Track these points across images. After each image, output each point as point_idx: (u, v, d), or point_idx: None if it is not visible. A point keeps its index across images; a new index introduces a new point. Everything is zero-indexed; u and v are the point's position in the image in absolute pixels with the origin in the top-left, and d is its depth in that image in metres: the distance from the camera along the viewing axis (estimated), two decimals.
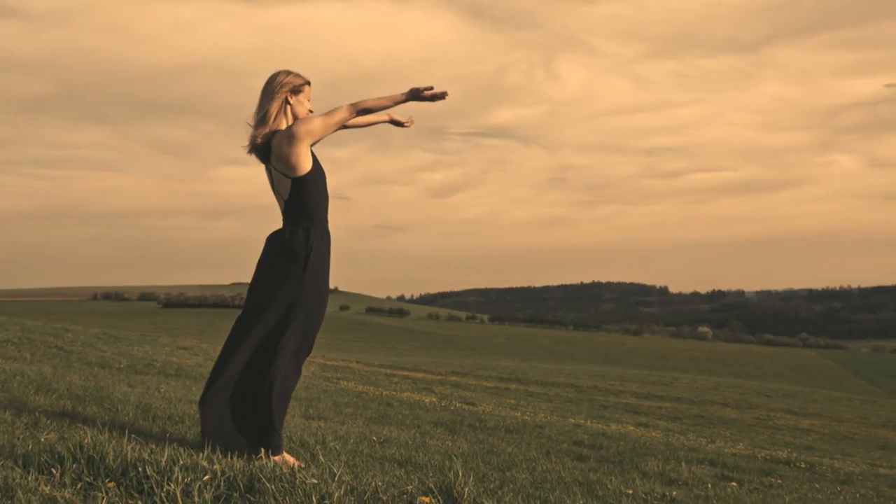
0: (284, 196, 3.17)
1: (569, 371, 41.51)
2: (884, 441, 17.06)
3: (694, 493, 4.05)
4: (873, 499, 5.33)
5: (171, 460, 2.18)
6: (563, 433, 7.25)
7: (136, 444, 2.45)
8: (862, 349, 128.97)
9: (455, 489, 2.38)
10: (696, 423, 16.51)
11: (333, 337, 74.34)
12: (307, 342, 3.16)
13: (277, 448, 3.02)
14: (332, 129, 3.16)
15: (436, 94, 3.30)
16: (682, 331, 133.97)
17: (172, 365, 9.67)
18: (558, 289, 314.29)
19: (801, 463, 7.31)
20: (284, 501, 2.07)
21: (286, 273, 3.09)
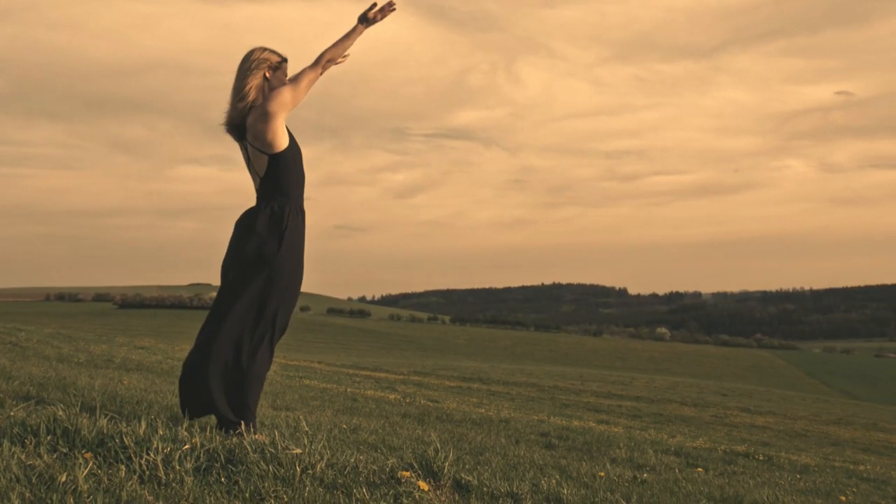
0: (261, 173, 3.14)
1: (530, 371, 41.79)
2: (836, 438, 17.53)
3: (663, 476, 4.11)
4: (832, 485, 5.47)
5: (150, 431, 2.15)
6: (528, 426, 7.30)
7: (111, 418, 2.40)
8: (814, 349, 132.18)
9: (435, 464, 2.38)
10: (656, 421, 16.77)
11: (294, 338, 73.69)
12: (281, 320, 3.14)
13: (253, 428, 2.98)
14: (304, 94, 3.13)
15: (382, 7, 3.29)
16: (640, 332, 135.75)
17: (133, 361, 9.50)
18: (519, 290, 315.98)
19: (760, 455, 7.48)
20: (267, 470, 2.05)
21: (260, 250, 3.05)
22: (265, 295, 3.06)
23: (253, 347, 3.03)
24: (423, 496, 2.21)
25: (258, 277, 3.05)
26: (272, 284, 3.06)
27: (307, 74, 3.12)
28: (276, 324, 3.12)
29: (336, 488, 2.13)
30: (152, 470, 1.95)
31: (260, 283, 3.06)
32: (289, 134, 3.17)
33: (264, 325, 3.06)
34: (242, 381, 2.98)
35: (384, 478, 2.28)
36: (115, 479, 1.84)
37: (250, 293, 3.05)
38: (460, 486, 2.43)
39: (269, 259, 3.05)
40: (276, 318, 3.11)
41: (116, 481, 1.82)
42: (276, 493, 1.99)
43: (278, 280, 3.07)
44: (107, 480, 1.82)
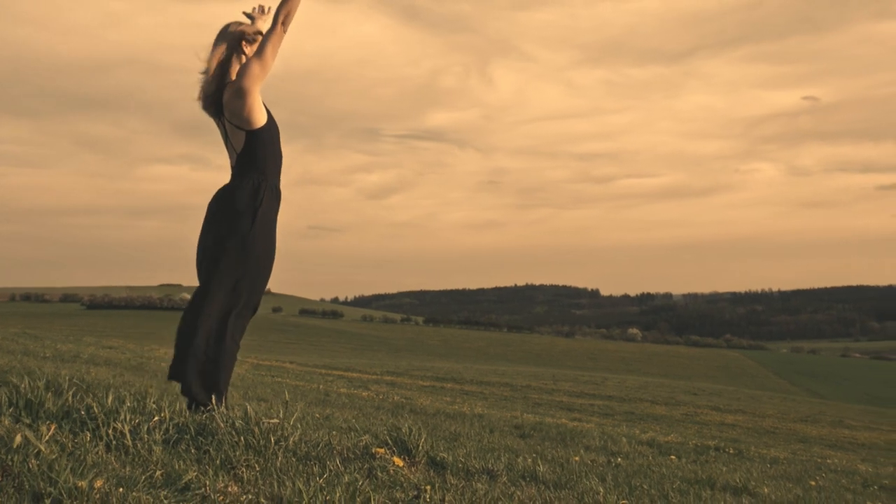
0: (238, 149, 3.10)
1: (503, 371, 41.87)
2: (803, 435, 17.81)
3: (636, 462, 4.12)
4: (802, 472, 5.54)
5: (117, 403, 2.10)
6: (502, 420, 7.30)
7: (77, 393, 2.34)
8: (781, 350, 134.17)
9: (409, 441, 2.36)
10: (627, 419, 16.90)
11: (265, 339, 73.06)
12: (253, 299, 3.09)
13: (224, 405, 2.92)
14: (272, 61, 3.07)
15: None
16: (612, 332, 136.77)
17: (101, 357, 9.34)
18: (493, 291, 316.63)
19: (730, 449, 7.56)
20: (239, 440, 2.00)
21: (233, 227, 3.00)
22: (239, 273, 3.01)
23: (225, 325, 2.97)
24: (397, 471, 2.19)
25: (231, 255, 3.00)
26: (245, 262, 3.01)
27: (269, 40, 3.06)
28: (248, 302, 3.07)
29: (309, 460, 2.09)
30: (119, 439, 1.90)
31: (233, 261, 3.00)
32: (267, 112, 3.14)
33: (238, 303, 3.01)
34: (215, 360, 2.93)
35: (358, 453, 2.26)
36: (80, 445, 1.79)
37: (223, 271, 3.00)
38: (435, 463, 2.41)
39: (242, 236, 3.00)
40: (248, 296, 3.06)
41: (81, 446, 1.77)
42: (248, 462, 1.95)
43: (251, 258, 3.02)
44: (71, 446, 1.77)
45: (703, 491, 3.27)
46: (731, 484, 3.64)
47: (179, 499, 1.62)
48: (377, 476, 2.08)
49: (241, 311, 3.05)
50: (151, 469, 1.76)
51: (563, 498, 2.31)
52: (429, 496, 1.93)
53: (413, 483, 2.06)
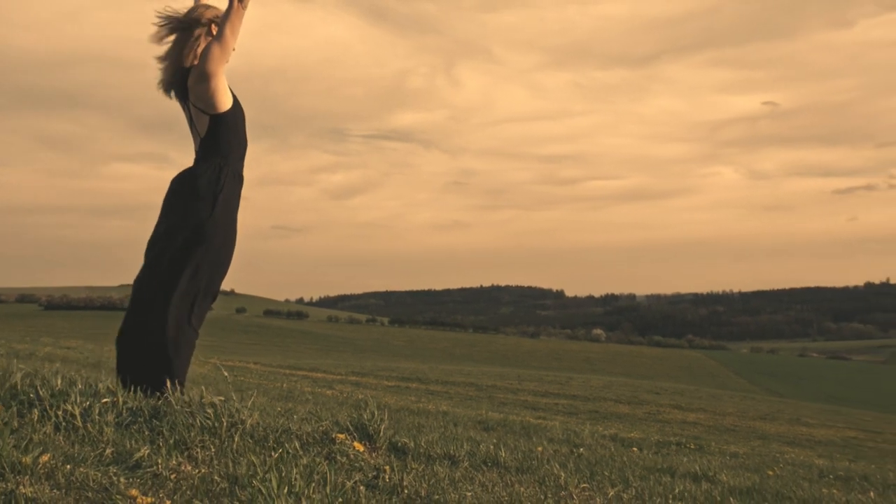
0: (201, 133, 3.04)
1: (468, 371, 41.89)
2: (762, 432, 18.15)
3: (599, 452, 4.15)
4: (760, 465, 5.63)
5: (67, 385, 2.04)
6: (467, 417, 7.30)
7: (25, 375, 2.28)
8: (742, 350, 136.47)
9: (370, 427, 2.33)
10: (591, 418, 17.05)
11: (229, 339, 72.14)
12: (213, 286, 3.03)
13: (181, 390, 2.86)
14: (233, 40, 3.00)
15: None
16: (577, 333, 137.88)
17: (57, 356, 9.14)
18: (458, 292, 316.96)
19: (691, 444, 7.66)
20: (194, 422, 1.96)
21: (192, 212, 2.94)
22: (196, 259, 2.95)
23: (184, 312, 2.91)
24: (357, 455, 2.16)
25: (190, 240, 2.94)
26: (203, 249, 2.95)
27: (227, 20, 2.99)
28: (207, 290, 3.01)
29: (267, 443, 2.06)
30: (69, 420, 1.85)
31: (192, 246, 2.94)
32: (233, 97, 3.09)
33: (194, 291, 2.95)
34: (172, 346, 2.86)
35: (318, 438, 2.23)
36: (26, 424, 1.73)
37: (180, 257, 2.94)
38: (396, 449, 2.40)
39: (202, 221, 2.94)
40: (207, 283, 3.00)
41: (28, 425, 1.72)
42: (203, 443, 1.92)
43: (210, 244, 2.96)
44: (16, 425, 1.71)
45: (663, 477, 3.31)
46: (691, 472, 3.69)
47: (130, 476, 1.58)
48: (336, 459, 2.06)
49: (200, 298, 2.99)
50: (101, 447, 1.72)
51: (524, 481, 2.31)
52: (388, 477, 1.92)
53: (372, 465, 2.04)
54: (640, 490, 2.80)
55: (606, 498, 2.46)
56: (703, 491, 3.13)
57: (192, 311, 2.96)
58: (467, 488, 2.15)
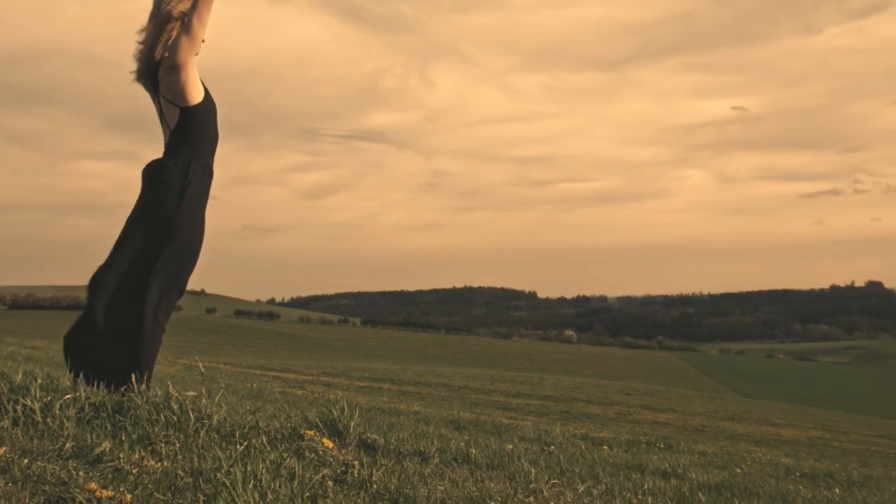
0: (171, 125, 3.00)
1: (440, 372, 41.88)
2: (731, 432, 18.38)
3: (569, 451, 4.16)
4: (728, 462, 5.69)
5: (28, 380, 1.99)
6: (439, 417, 7.29)
7: None
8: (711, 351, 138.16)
9: (340, 423, 2.31)
10: (563, 418, 17.13)
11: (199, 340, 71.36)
12: (179, 281, 2.97)
13: (146, 385, 2.80)
14: (202, 30, 2.96)
15: None
16: (549, 334, 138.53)
17: (22, 355, 8.96)
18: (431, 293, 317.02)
19: (661, 444, 7.73)
20: (158, 417, 1.92)
21: (160, 205, 2.89)
22: (164, 252, 2.89)
23: (149, 307, 2.85)
24: (326, 451, 2.14)
25: (157, 234, 2.89)
26: (170, 242, 2.90)
27: (195, 11, 2.95)
28: (174, 285, 2.96)
29: (234, 438, 2.03)
30: (29, 415, 1.80)
31: (157, 239, 2.89)
32: (205, 89, 3.05)
33: (162, 284, 2.90)
34: (137, 341, 2.81)
35: (286, 434, 2.20)
36: None
37: (147, 250, 2.88)
38: (366, 445, 2.38)
39: (169, 214, 2.89)
40: (173, 278, 2.95)
41: None
42: (167, 438, 1.88)
43: (177, 238, 2.91)
44: None
45: (633, 474, 3.32)
46: (661, 469, 3.71)
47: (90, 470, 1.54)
48: (305, 455, 2.03)
49: (167, 293, 2.94)
50: (61, 442, 1.67)
51: (494, 477, 2.30)
52: (357, 472, 1.89)
53: (341, 461, 2.02)
54: (610, 486, 2.82)
55: (576, 494, 2.47)
56: (673, 487, 3.15)
57: (159, 306, 2.91)
58: (437, 484, 2.14)
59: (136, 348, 2.80)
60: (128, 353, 2.81)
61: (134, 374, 2.75)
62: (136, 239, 2.89)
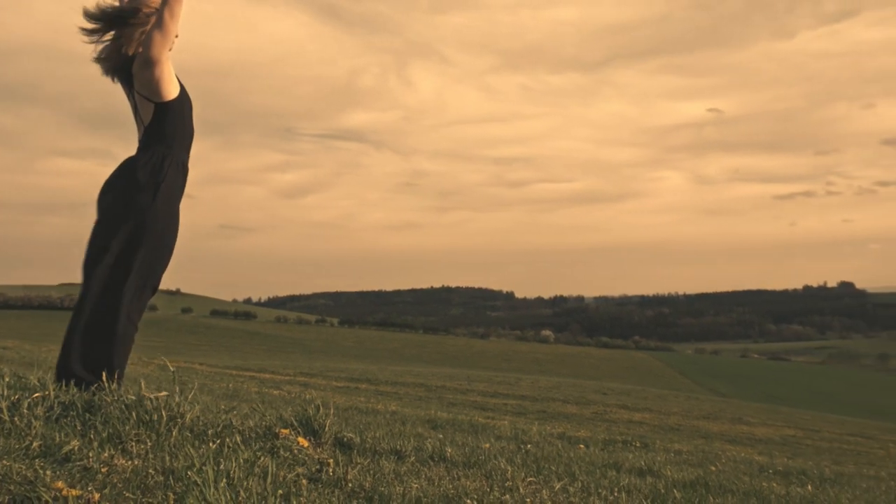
0: (146, 121, 2.95)
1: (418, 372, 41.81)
2: (705, 431, 18.54)
3: (546, 449, 4.16)
4: (703, 460, 5.74)
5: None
6: (415, 416, 7.28)
7: None
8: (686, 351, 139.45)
9: (315, 422, 2.29)
10: (540, 418, 17.18)
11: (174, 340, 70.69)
12: (152, 279, 2.92)
13: (118, 384, 2.76)
14: (175, 24, 2.92)
15: None
16: (526, 334, 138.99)
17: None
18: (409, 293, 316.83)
19: (637, 443, 7.78)
20: (129, 416, 1.89)
21: (133, 201, 2.85)
22: (136, 249, 2.85)
23: (121, 304, 2.81)
24: (301, 450, 2.12)
25: (130, 230, 2.84)
26: (144, 238, 2.85)
27: (167, 5, 2.90)
28: (147, 283, 2.91)
29: (207, 437, 2.00)
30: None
31: (131, 236, 2.85)
32: (180, 85, 3.01)
33: (134, 282, 2.85)
34: (109, 339, 2.76)
35: (261, 433, 2.17)
36: None
37: (120, 247, 2.84)
38: (342, 444, 2.36)
39: (142, 211, 2.85)
40: (147, 276, 2.90)
41: None
42: (139, 437, 1.85)
43: (151, 234, 2.86)
44: None
45: (609, 472, 3.34)
46: (637, 467, 3.73)
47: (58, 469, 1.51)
48: (279, 454, 2.01)
49: (139, 290, 2.90)
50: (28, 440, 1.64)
51: (471, 475, 2.29)
52: (331, 470, 1.88)
53: (316, 460, 2.00)
54: (587, 484, 2.82)
55: (553, 491, 2.47)
56: (648, 484, 3.16)
57: (132, 304, 2.86)
58: (413, 482, 2.13)
59: (109, 346, 2.75)
60: (101, 351, 2.76)
61: (106, 372, 2.71)
62: (111, 235, 2.84)
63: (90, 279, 2.81)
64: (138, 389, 2.16)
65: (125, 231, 2.84)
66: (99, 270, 2.82)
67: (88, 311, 2.78)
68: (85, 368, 2.71)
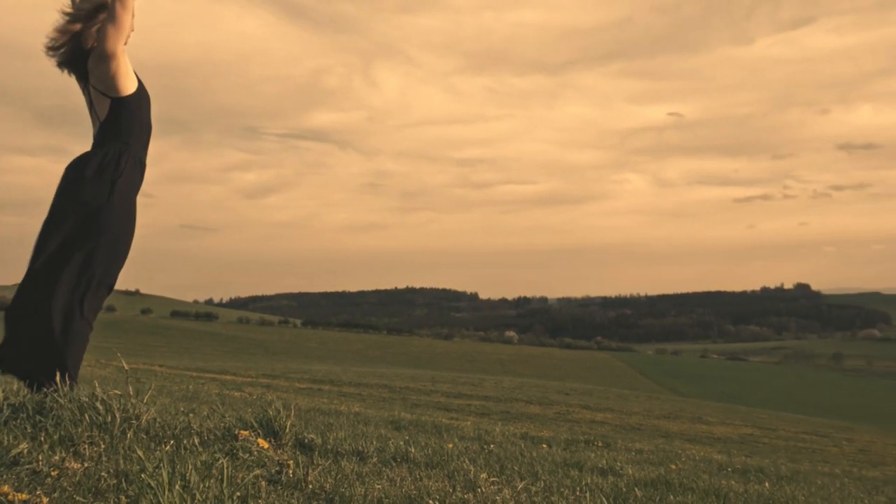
0: (101, 117, 2.88)
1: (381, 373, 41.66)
2: (665, 431, 18.78)
3: (509, 449, 4.17)
4: (664, 459, 5.80)
5: None
6: (379, 417, 7.24)
7: None
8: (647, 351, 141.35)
9: (276, 423, 2.26)
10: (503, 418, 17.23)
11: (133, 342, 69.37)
12: (108, 278, 2.85)
13: (71, 385, 2.68)
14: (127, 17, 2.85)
15: None
16: (490, 335, 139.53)
17: None
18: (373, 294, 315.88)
19: (599, 442, 7.85)
20: (82, 417, 1.84)
21: (89, 198, 2.78)
22: (92, 247, 2.78)
23: (76, 303, 2.73)
24: (261, 452, 2.08)
25: (85, 227, 2.77)
26: (100, 236, 2.78)
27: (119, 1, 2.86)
28: (102, 281, 2.84)
29: (164, 439, 1.95)
30: None
31: (87, 233, 2.78)
32: (138, 81, 2.95)
33: (90, 280, 2.78)
34: (63, 339, 2.68)
35: (220, 435, 2.13)
36: None
37: (75, 244, 2.76)
38: (303, 445, 2.33)
39: (98, 208, 2.78)
40: (102, 274, 2.83)
41: None
42: (92, 439, 1.80)
43: (107, 232, 2.79)
44: None
45: (571, 471, 3.35)
46: (599, 466, 3.76)
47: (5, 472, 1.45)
48: (239, 456, 1.97)
49: (94, 288, 2.82)
50: None
51: (433, 476, 2.28)
52: (291, 472, 1.85)
53: (276, 461, 1.96)
54: (549, 483, 2.83)
55: (515, 491, 2.46)
56: (610, 483, 3.19)
57: (86, 302, 2.79)
58: (375, 483, 2.10)
59: (62, 346, 2.67)
60: (53, 351, 2.68)
61: (59, 372, 2.63)
62: (65, 232, 2.77)
63: (39, 277, 2.73)
64: (92, 390, 2.11)
65: (80, 229, 2.76)
66: (52, 268, 2.74)
67: (42, 310, 2.70)
68: (37, 368, 2.64)
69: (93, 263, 2.78)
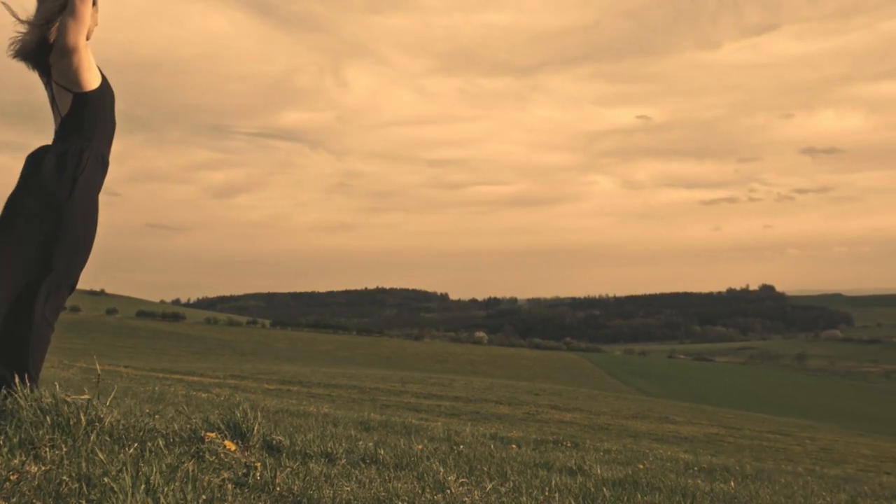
0: (63, 112, 2.81)
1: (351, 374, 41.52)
2: (633, 430, 18.99)
3: (479, 450, 4.18)
4: (631, 459, 5.85)
5: None
6: (348, 418, 7.21)
7: None
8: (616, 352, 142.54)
9: (243, 425, 2.23)
10: (473, 419, 17.29)
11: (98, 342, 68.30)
12: (69, 277, 2.77)
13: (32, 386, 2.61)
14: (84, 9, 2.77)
15: None
16: (460, 335, 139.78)
17: None
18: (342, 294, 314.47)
19: (568, 443, 7.90)
20: (43, 420, 1.80)
21: (49, 194, 2.71)
22: (52, 245, 2.70)
23: (35, 303, 2.66)
24: (228, 454, 2.05)
25: (45, 225, 2.70)
26: (61, 234, 2.71)
27: None
28: (63, 280, 2.77)
29: (128, 442, 1.92)
30: None
31: (47, 230, 2.70)
32: (102, 76, 2.89)
33: (51, 279, 2.71)
34: (22, 340, 2.61)
35: (185, 437, 2.10)
36: None
37: (35, 242, 2.69)
38: (271, 447, 2.30)
39: (59, 206, 2.71)
40: (64, 273, 2.76)
41: None
42: (53, 442, 1.76)
43: (68, 229, 2.72)
44: None
45: (540, 471, 3.37)
46: (567, 466, 3.78)
47: None
48: (205, 458, 1.94)
49: (55, 288, 2.75)
50: None
51: (402, 477, 2.27)
52: (259, 474, 1.82)
53: (244, 464, 1.94)
54: (518, 483, 2.84)
55: (484, 491, 2.47)
56: (578, 483, 3.21)
57: (47, 302, 2.72)
58: (344, 485, 2.09)
59: (23, 347, 2.60)
60: (12, 352, 2.61)
61: (18, 373, 2.57)
62: (23, 229, 2.69)
63: (5, 275, 2.66)
64: (54, 392, 2.06)
65: (40, 226, 2.69)
66: (11, 268, 2.67)
67: (5, 312, 2.63)
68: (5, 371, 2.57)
69: (54, 262, 2.70)
